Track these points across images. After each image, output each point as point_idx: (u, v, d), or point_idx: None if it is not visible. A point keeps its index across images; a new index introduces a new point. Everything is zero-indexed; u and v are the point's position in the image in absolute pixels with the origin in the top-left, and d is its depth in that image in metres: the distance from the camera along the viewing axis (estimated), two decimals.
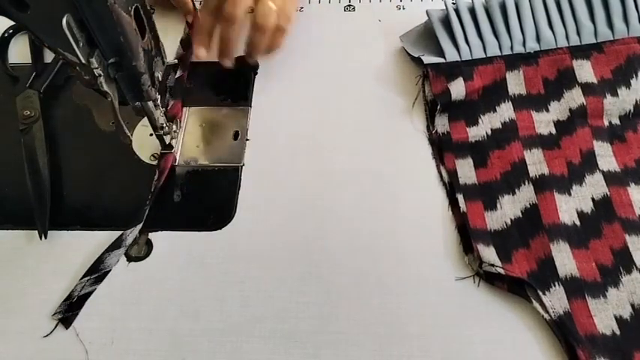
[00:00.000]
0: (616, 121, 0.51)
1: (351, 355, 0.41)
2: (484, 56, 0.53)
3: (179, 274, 0.45)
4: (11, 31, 0.61)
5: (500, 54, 0.53)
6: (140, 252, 0.47)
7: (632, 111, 0.50)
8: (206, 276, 0.45)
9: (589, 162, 0.48)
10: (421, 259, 0.45)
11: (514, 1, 0.53)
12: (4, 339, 0.43)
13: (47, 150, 0.52)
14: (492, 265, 0.43)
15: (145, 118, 0.47)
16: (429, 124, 0.52)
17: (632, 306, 0.42)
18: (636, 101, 0.50)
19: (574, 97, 0.50)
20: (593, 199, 0.46)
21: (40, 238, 0.47)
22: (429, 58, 0.53)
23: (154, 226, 0.48)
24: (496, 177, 0.48)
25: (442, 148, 0.50)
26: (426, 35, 0.56)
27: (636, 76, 0.51)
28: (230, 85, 0.55)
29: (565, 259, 0.43)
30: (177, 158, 0.52)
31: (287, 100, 0.55)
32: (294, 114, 0.54)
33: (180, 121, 0.53)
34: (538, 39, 0.53)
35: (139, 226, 0.46)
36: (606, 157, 0.49)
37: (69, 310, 0.43)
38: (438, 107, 0.50)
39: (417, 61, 0.54)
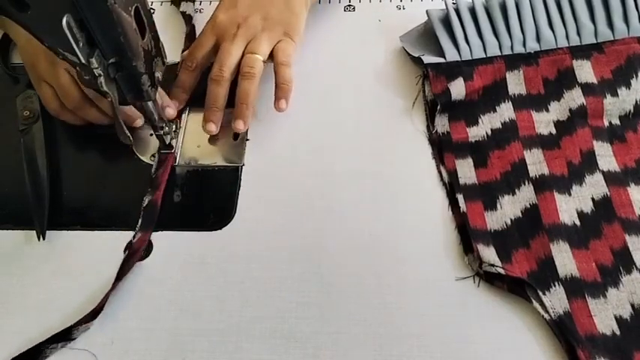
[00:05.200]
0: (616, 121, 0.51)
1: (351, 355, 0.41)
2: (484, 56, 0.53)
3: (179, 274, 0.45)
4: None
5: (500, 54, 0.53)
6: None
7: (632, 111, 0.50)
8: (206, 276, 0.45)
9: (589, 162, 0.48)
10: (421, 259, 0.45)
11: (514, 1, 0.53)
12: (4, 339, 0.43)
13: (46, 151, 0.51)
14: (492, 265, 0.43)
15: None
16: (429, 124, 0.52)
17: (632, 306, 0.42)
18: (636, 101, 0.50)
19: (574, 97, 0.50)
20: (593, 199, 0.46)
21: (39, 239, 0.47)
22: (429, 58, 0.53)
23: (154, 226, 0.48)
24: (496, 177, 0.48)
25: (442, 148, 0.50)
26: (426, 35, 0.56)
27: (636, 76, 0.51)
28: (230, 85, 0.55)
29: (565, 259, 0.43)
30: (177, 158, 0.52)
31: None
32: (294, 114, 0.54)
33: (180, 121, 0.53)
34: (538, 39, 0.53)
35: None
36: (606, 157, 0.49)
37: None
38: (438, 107, 0.50)
39: (417, 61, 0.54)
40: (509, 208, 0.47)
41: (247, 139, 0.52)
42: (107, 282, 0.45)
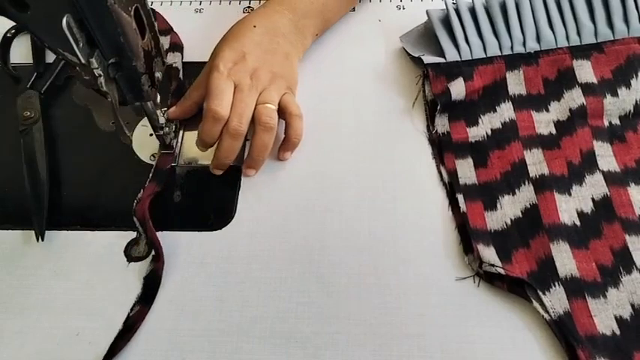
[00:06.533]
0: (616, 121, 0.51)
1: (351, 355, 0.41)
2: (484, 56, 0.53)
3: (179, 274, 0.45)
4: (13, 31, 0.61)
5: (500, 54, 0.53)
6: (140, 252, 0.47)
7: (632, 111, 0.50)
8: (206, 276, 0.45)
9: (589, 162, 0.48)
10: (421, 259, 0.45)
11: (514, 1, 0.53)
12: (4, 339, 0.43)
13: (46, 151, 0.51)
14: (492, 265, 0.43)
15: (145, 118, 0.47)
16: (429, 124, 0.52)
17: (632, 306, 0.42)
18: (636, 101, 0.50)
19: (574, 97, 0.50)
20: (593, 199, 0.46)
21: (37, 239, 0.47)
22: (429, 58, 0.53)
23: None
24: (496, 177, 0.48)
25: (442, 148, 0.50)
26: (426, 35, 0.56)
27: (636, 76, 0.51)
28: None
29: (565, 259, 0.43)
30: (177, 158, 0.52)
31: None
32: None
33: (180, 121, 0.53)
34: (538, 39, 0.53)
35: None
36: (606, 157, 0.49)
37: None
38: (438, 107, 0.50)
39: (417, 61, 0.54)
40: (509, 208, 0.47)
41: (247, 140, 0.52)
42: (107, 282, 0.45)
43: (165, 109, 0.50)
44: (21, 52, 0.60)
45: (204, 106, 0.48)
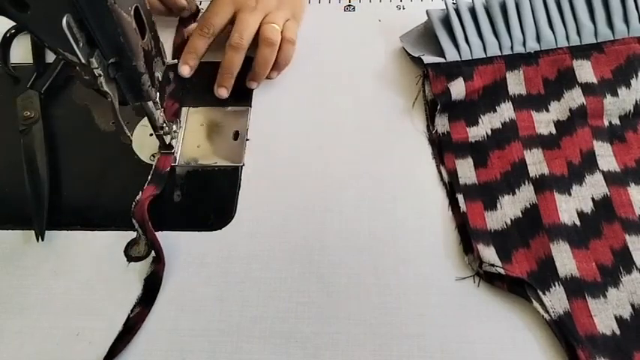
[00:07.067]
0: (616, 121, 0.51)
1: (351, 355, 0.41)
2: (484, 56, 0.53)
3: (179, 274, 0.45)
4: (13, 31, 0.61)
5: (500, 54, 0.53)
6: (140, 252, 0.47)
7: (632, 111, 0.50)
8: (206, 276, 0.45)
9: (589, 162, 0.48)
10: (421, 259, 0.45)
11: (514, 1, 0.53)
12: (4, 339, 0.43)
13: (46, 151, 0.51)
14: (492, 265, 0.43)
15: (145, 118, 0.47)
16: (429, 124, 0.52)
17: (632, 306, 0.42)
18: (636, 101, 0.50)
19: (574, 97, 0.50)
20: (593, 199, 0.46)
21: (37, 239, 0.47)
22: (429, 58, 0.53)
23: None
24: (496, 177, 0.48)
25: (442, 148, 0.50)
26: (426, 35, 0.56)
27: (636, 76, 0.51)
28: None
29: (565, 259, 0.43)
30: (178, 158, 0.52)
31: (287, 100, 0.55)
32: (294, 114, 0.54)
33: (180, 121, 0.53)
34: (538, 39, 0.53)
35: None
36: (606, 157, 0.49)
37: None
38: (438, 107, 0.50)
39: (417, 61, 0.54)
40: (509, 208, 0.47)
41: (247, 139, 0.52)
42: (107, 282, 0.45)
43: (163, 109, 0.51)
44: (21, 52, 0.60)
45: None
